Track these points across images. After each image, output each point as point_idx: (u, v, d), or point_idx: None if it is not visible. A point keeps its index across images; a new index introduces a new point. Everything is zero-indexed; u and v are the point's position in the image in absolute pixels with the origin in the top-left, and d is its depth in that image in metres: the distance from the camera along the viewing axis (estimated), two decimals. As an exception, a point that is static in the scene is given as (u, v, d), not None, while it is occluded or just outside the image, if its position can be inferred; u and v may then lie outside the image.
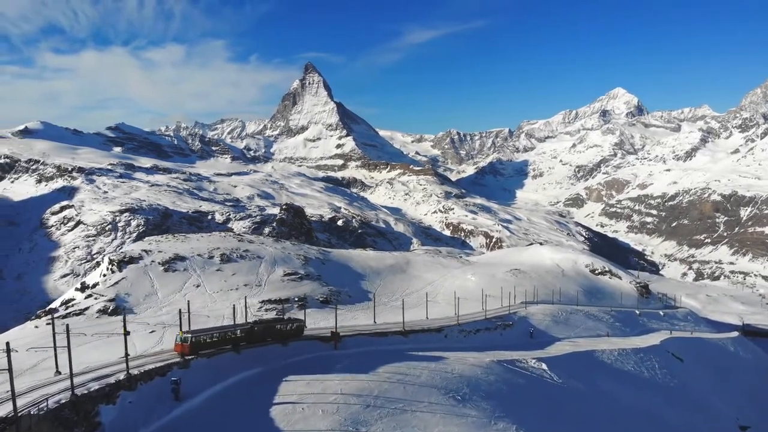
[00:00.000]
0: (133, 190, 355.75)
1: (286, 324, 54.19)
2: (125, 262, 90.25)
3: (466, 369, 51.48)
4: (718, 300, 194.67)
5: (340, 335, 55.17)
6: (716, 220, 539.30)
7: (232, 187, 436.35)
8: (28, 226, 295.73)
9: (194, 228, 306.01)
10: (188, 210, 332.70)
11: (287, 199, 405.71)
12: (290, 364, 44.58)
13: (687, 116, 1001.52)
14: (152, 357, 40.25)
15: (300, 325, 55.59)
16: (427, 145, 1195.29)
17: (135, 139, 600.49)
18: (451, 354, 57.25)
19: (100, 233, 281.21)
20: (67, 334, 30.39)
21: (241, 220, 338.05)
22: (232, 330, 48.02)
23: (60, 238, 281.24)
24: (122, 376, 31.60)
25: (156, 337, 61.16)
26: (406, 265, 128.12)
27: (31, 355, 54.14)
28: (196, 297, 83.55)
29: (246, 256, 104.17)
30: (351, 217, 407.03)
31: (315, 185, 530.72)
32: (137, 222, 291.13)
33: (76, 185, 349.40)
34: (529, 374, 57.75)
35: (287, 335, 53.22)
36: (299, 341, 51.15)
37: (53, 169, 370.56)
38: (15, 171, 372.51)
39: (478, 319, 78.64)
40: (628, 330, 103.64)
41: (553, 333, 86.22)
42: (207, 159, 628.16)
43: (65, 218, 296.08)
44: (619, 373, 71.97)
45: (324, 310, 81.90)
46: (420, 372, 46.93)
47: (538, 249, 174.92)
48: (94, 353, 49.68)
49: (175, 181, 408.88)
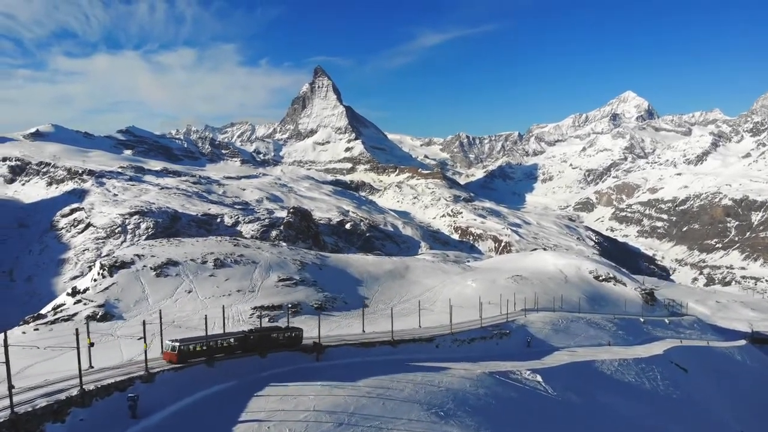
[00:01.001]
0: (143, 192, 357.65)
1: (284, 332, 52.50)
2: (116, 266, 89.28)
3: (455, 382, 49.42)
4: (728, 306, 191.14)
5: (323, 346, 53.21)
6: (727, 224, 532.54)
7: (241, 190, 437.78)
8: (38, 228, 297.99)
9: (203, 231, 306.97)
10: (197, 213, 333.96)
11: (296, 202, 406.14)
12: (266, 377, 42.50)
13: (698, 120, 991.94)
14: (119, 369, 38.55)
15: (298, 334, 53.76)
16: (436, 149, 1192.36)
17: (145, 142, 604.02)
18: (441, 365, 55.16)
19: (109, 236, 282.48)
20: (5, 344, 29.02)
21: (250, 223, 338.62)
22: (224, 338, 46.74)
23: (70, 240, 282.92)
24: (75, 391, 30.21)
25: None
26: (405, 271, 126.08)
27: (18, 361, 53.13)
28: (188, 303, 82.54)
29: (240, 261, 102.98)
30: (359, 220, 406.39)
31: (323, 188, 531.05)
32: (146, 225, 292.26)
33: (86, 188, 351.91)
34: (522, 387, 55.50)
35: (284, 344, 51.57)
36: (279, 352, 49.19)
37: (64, 171, 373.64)
38: (26, 173, 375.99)
39: (473, 328, 75.86)
40: (631, 338, 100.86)
41: (553, 342, 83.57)
42: (217, 162, 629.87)
43: (75, 220, 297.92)
44: (619, 384, 69.50)
45: (318, 316, 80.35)
46: (404, 386, 44.93)
47: (542, 255, 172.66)
48: (74, 363, 48.35)
49: (184, 184, 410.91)
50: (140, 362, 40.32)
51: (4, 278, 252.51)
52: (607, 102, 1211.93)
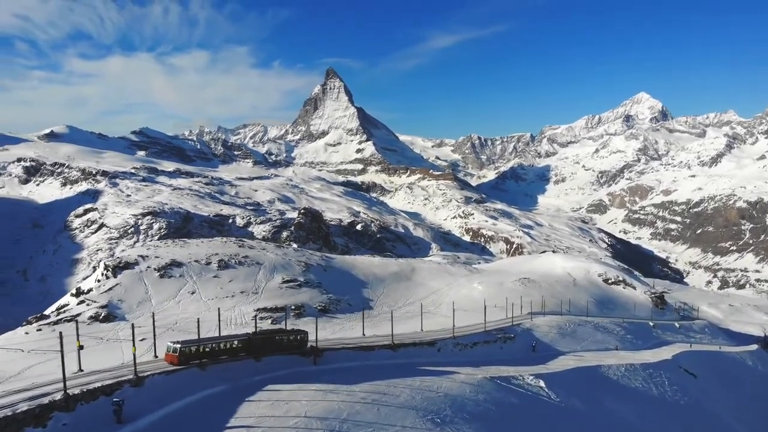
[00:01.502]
0: (156, 193, 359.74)
1: (288, 335, 52.12)
2: (120, 267, 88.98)
3: (454, 387, 48.28)
4: (741, 310, 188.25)
5: (321, 349, 52.26)
6: (742, 227, 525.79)
7: (253, 191, 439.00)
8: (52, 229, 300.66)
9: (215, 232, 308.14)
10: (209, 213, 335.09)
11: (307, 203, 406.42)
12: (259, 381, 41.73)
13: (712, 121, 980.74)
14: (110, 373, 38.13)
15: (303, 337, 53.20)
16: (448, 150, 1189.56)
17: (159, 144, 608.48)
18: (442, 369, 54.17)
19: (122, 236, 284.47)
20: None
21: (261, 224, 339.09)
22: (228, 340, 46.49)
23: (83, 240, 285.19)
24: (59, 395, 29.90)
25: (146, 345, 59.44)
26: (411, 273, 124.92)
27: (19, 362, 53.16)
28: (190, 304, 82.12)
29: (245, 262, 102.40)
30: (370, 221, 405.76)
31: (335, 189, 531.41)
32: (159, 225, 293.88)
33: (100, 188, 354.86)
34: (524, 392, 53.94)
35: (289, 347, 51.08)
36: (274, 356, 48.48)
37: (78, 172, 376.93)
38: (41, 174, 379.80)
39: (477, 332, 74.41)
40: (640, 343, 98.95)
41: (559, 346, 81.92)
42: (229, 163, 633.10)
43: (89, 221, 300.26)
44: (625, 390, 67.93)
45: (322, 318, 79.12)
46: (401, 391, 43.95)
47: (551, 257, 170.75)
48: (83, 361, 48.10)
49: (197, 185, 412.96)
50: (138, 364, 39.92)
51: (18, 278, 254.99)
52: (621, 103, 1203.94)
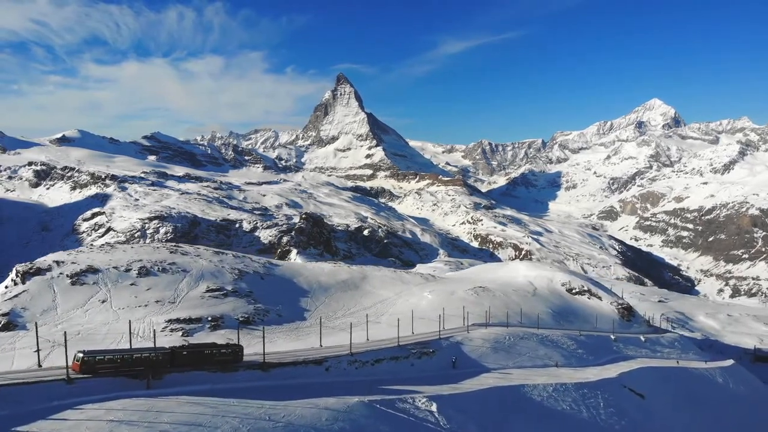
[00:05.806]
0: (164, 197, 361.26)
1: (219, 348, 50.44)
2: (31, 273, 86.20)
3: (307, 414, 40.93)
4: (739, 320, 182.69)
5: (164, 369, 46.09)
6: (754, 234, 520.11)
7: (262, 196, 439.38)
8: (60, 232, 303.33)
9: (222, 236, 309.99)
10: (217, 218, 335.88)
11: (314, 208, 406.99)
12: (56, 407, 36.18)
13: (725, 128, 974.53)
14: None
15: (237, 351, 51.55)
16: (458, 156, 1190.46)
17: (170, 148, 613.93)
18: (318, 392, 47.90)
19: (129, 240, 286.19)
20: None
21: (268, 229, 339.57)
22: (143, 353, 45.16)
23: (90, 244, 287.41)
24: None
25: (43, 355, 55.16)
26: (362, 281, 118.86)
27: None
28: (99, 313, 78.52)
29: (169, 269, 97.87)
30: (377, 226, 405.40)
31: (343, 195, 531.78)
32: (166, 229, 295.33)
33: (108, 192, 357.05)
34: (404, 418, 47.23)
35: (221, 362, 49.13)
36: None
37: (87, 176, 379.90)
38: (51, 178, 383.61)
39: (388, 347, 68.02)
40: (591, 359, 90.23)
41: (486, 362, 74.90)
42: (239, 168, 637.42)
43: (96, 225, 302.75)
44: (548, 413, 60.76)
45: (243, 331, 72.82)
46: (223, 422, 36.74)
47: (515, 265, 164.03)
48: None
49: (205, 190, 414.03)
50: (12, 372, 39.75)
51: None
52: (633, 109, 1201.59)
